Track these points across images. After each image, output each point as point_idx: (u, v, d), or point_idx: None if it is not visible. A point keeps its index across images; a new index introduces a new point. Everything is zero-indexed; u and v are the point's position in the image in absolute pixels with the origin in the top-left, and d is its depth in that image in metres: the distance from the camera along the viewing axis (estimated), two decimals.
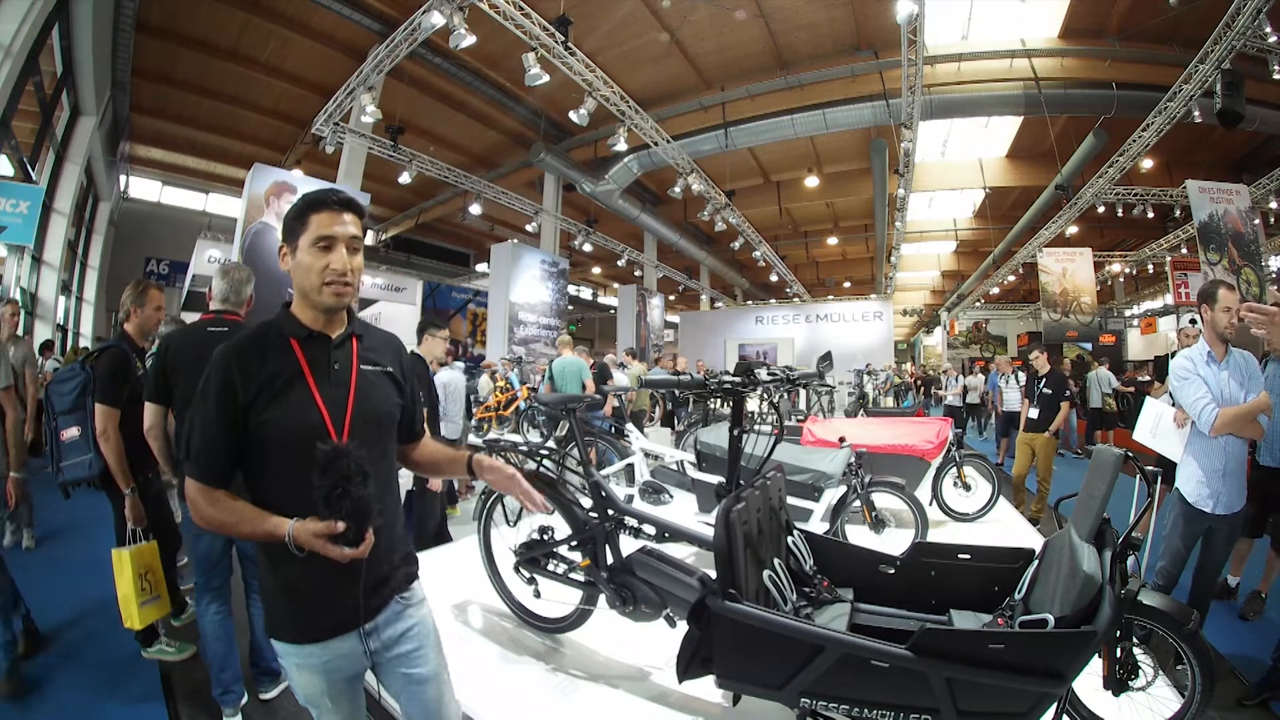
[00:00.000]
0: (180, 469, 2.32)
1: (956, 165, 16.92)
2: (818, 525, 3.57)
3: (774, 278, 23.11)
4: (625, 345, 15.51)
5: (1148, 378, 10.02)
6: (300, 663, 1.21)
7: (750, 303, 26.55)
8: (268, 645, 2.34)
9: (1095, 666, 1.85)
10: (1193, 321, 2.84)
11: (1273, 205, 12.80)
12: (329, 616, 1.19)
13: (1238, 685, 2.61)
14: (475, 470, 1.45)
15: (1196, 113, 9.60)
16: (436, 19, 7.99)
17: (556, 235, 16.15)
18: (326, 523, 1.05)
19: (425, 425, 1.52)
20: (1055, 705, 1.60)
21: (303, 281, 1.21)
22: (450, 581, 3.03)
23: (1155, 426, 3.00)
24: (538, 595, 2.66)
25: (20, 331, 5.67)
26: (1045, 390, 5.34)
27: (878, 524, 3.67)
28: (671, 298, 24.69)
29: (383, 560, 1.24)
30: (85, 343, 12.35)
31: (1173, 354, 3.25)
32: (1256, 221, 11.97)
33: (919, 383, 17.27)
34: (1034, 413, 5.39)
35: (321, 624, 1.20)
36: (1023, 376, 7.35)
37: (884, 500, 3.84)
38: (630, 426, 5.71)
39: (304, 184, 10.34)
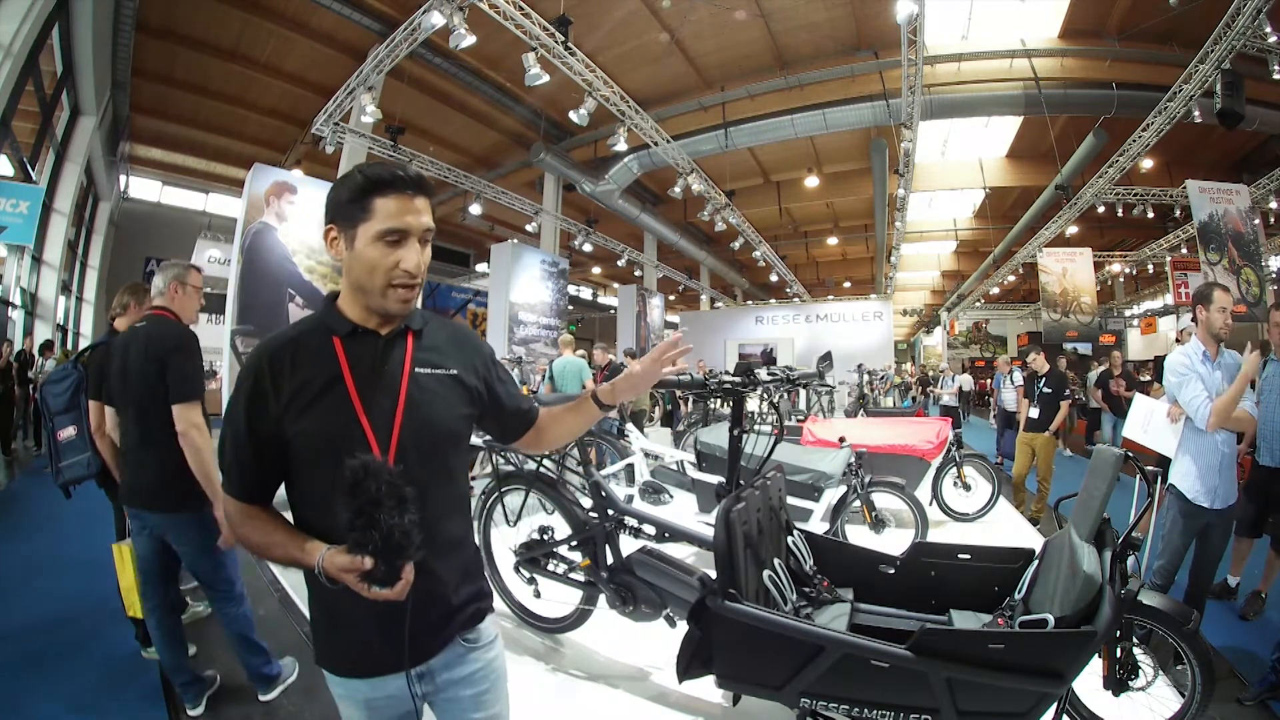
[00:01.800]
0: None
1: (956, 165, 16.91)
2: (818, 525, 3.58)
3: (774, 278, 23.11)
4: (625, 345, 15.51)
5: (1148, 378, 10.02)
6: (343, 694, 1.09)
7: (750, 303, 26.54)
8: (251, 656, 2.28)
9: (1095, 666, 1.85)
10: (1194, 319, 2.87)
11: (1273, 205, 12.79)
12: (371, 655, 1.05)
13: (1238, 685, 2.61)
14: (604, 399, 1.26)
15: (1196, 113, 9.59)
16: (436, 19, 7.99)
17: (556, 235, 16.15)
18: (353, 558, 0.89)
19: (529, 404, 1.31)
20: (1055, 705, 1.60)
21: (363, 279, 1.02)
22: None
23: (1147, 423, 3.00)
24: (538, 595, 2.66)
25: None
26: (1045, 390, 5.34)
27: (878, 524, 3.67)
28: (671, 298, 24.68)
29: (439, 599, 1.07)
30: (85, 343, 12.35)
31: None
32: (1256, 221, 11.96)
33: (921, 382, 17.29)
34: (1034, 412, 5.38)
35: (362, 661, 1.06)
36: (1018, 376, 7.36)
37: (884, 500, 3.84)
38: (630, 426, 5.71)
39: (304, 184, 10.31)
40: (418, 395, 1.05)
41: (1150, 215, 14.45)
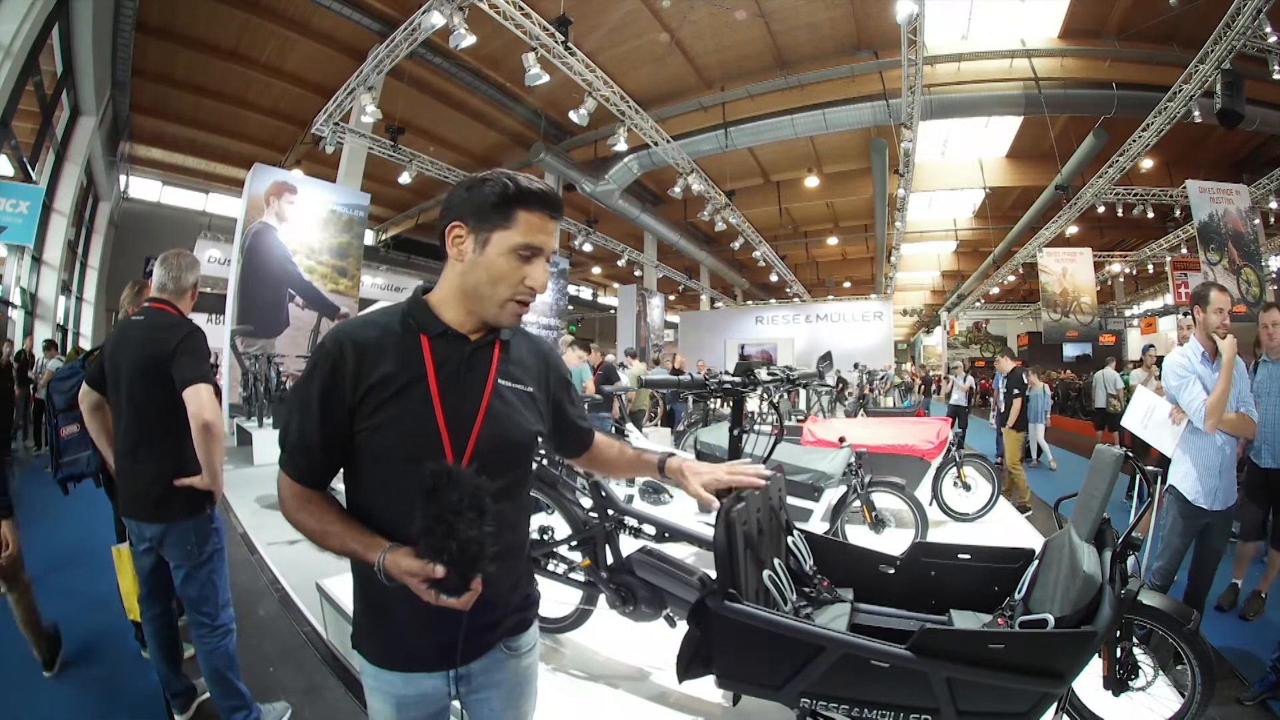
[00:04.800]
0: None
1: (956, 165, 16.93)
2: (818, 525, 3.58)
3: (774, 278, 23.12)
4: (625, 345, 15.51)
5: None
6: (375, 685, 1.06)
7: (750, 303, 26.55)
8: (224, 699, 2.11)
9: (1095, 666, 1.85)
10: (1186, 313, 2.87)
11: (1273, 205, 12.81)
12: (415, 651, 1.03)
13: (1238, 685, 2.61)
14: (670, 475, 1.27)
15: (1196, 113, 9.61)
16: (436, 19, 7.99)
17: (556, 235, 16.14)
18: (423, 563, 0.87)
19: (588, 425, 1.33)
20: (1055, 705, 1.60)
21: (483, 287, 0.99)
22: None
23: (1147, 418, 3.00)
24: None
25: None
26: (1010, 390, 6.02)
27: (878, 524, 3.67)
28: (671, 298, 24.69)
29: (491, 606, 1.03)
30: (85, 343, 12.35)
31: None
32: (1256, 221, 11.99)
33: (921, 382, 17.30)
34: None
35: (405, 656, 1.04)
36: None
37: (884, 500, 3.84)
38: (630, 426, 5.71)
39: (304, 184, 10.34)
40: (498, 407, 1.03)
41: (1150, 215, 14.48)
